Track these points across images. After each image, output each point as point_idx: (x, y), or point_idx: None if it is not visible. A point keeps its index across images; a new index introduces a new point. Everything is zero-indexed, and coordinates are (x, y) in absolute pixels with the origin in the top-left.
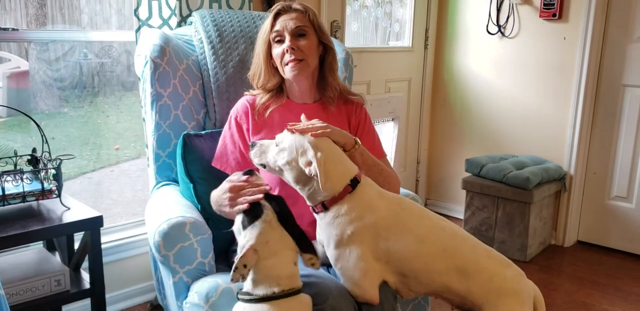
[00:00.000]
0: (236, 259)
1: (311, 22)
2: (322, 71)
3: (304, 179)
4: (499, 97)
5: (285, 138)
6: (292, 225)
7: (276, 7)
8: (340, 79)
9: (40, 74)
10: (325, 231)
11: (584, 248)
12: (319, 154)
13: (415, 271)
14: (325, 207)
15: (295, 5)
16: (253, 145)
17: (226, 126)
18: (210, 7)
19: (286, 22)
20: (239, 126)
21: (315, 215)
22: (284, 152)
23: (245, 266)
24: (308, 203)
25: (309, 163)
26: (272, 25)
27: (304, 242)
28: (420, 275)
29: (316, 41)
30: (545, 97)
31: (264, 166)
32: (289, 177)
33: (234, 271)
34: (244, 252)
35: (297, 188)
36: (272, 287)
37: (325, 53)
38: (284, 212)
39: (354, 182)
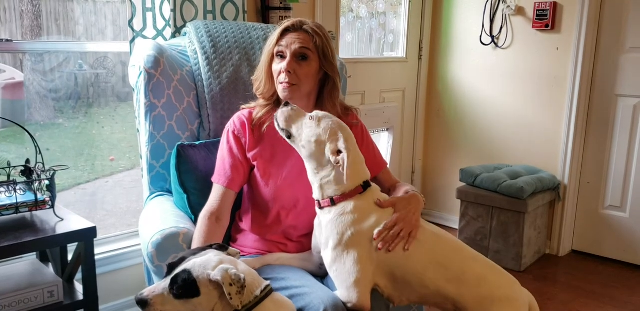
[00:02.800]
0: None
1: (316, 47)
2: (322, 97)
3: (321, 162)
4: (493, 107)
5: (325, 118)
6: None
7: (287, 22)
8: (339, 108)
9: (34, 85)
10: (326, 230)
11: (579, 257)
12: (349, 147)
13: (409, 277)
14: (333, 202)
15: (306, 27)
16: (287, 104)
17: (223, 141)
18: (205, 18)
19: (292, 41)
20: (237, 139)
21: (319, 211)
22: (316, 128)
23: None
24: (316, 196)
25: (338, 152)
26: (279, 40)
27: None
28: (414, 280)
29: (317, 67)
30: (538, 107)
31: (283, 130)
32: (306, 152)
33: None
34: None
35: (312, 171)
36: None
37: (327, 80)
38: None
39: (366, 185)
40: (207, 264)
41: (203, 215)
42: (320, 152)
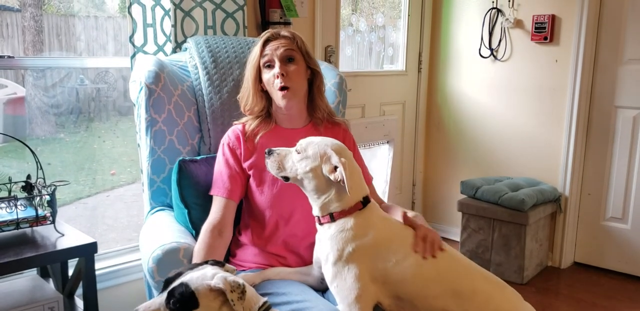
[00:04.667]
0: None
1: (299, 48)
2: (311, 94)
3: (323, 188)
4: (493, 119)
5: (309, 145)
6: None
7: (265, 34)
8: (327, 101)
9: (36, 100)
10: (326, 245)
11: (581, 269)
12: (343, 159)
13: (411, 294)
14: (332, 218)
15: (284, 33)
16: (270, 152)
17: (219, 154)
18: (205, 33)
19: (275, 47)
20: (232, 151)
21: (319, 226)
22: (307, 159)
23: None
24: (316, 213)
25: (334, 169)
26: (262, 51)
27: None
28: (416, 298)
29: (304, 66)
30: (538, 118)
31: (281, 177)
32: (308, 185)
33: None
34: None
35: (313, 197)
36: None
37: (314, 77)
38: None
39: (365, 201)
40: (204, 276)
41: (205, 228)
42: (319, 178)
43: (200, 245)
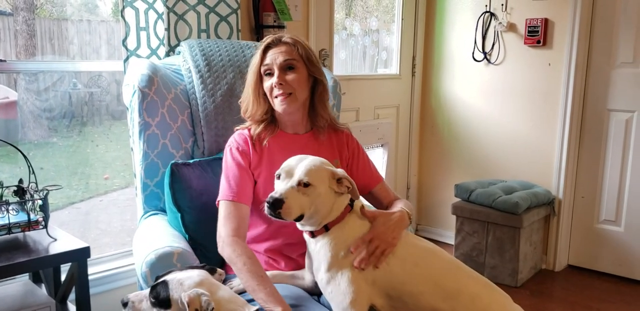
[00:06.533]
0: None
1: (300, 55)
2: (313, 101)
3: (331, 204)
4: (487, 122)
5: (310, 174)
6: None
7: (266, 40)
8: (330, 110)
9: (28, 104)
10: (318, 255)
11: (575, 272)
12: (341, 170)
13: (399, 291)
14: (327, 228)
15: (285, 39)
16: (273, 205)
17: (228, 159)
18: (199, 37)
19: (275, 56)
20: (242, 153)
21: (311, 239)
22: (317, 188)
23: None
24: (309, 228)
25: (340, 181)
26: (262, 59)
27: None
28: (405, 295)
29: (305, 74)
30: (532, 122)
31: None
32: (323, 208)
33: None
34: None
35: (316, 218)
36: None
37: (316, 84)
38: None
39: (351, 202)
40: (185, 281)
41: (235, 240)
42: (330, 196)
43: (249, 261)
